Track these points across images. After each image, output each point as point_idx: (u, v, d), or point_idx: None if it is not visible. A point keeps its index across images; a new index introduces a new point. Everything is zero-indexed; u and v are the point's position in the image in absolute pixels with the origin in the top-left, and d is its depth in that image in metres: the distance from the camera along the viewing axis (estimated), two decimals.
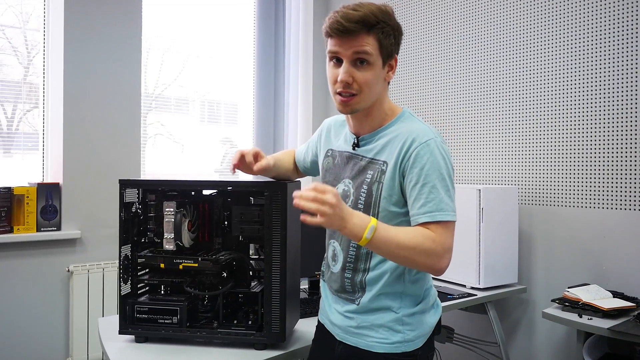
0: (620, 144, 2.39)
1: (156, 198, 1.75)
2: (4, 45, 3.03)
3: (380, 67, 1.34)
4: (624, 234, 2.37)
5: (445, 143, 1.36)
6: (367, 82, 1.32)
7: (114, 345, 1.62)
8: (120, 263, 1.67)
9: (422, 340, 1.40)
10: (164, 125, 3.60)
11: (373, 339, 1.38)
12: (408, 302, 1.39)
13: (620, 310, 2.08)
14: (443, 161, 1.31)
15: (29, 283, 2.80)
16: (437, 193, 1.28)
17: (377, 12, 1.30)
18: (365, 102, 1.35)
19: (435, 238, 1.25)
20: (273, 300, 1.58)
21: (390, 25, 1.33)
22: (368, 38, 1.30)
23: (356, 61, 1.32)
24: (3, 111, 3.05)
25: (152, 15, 3.39)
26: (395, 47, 1.37)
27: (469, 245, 2.47)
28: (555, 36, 2.62)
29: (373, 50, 1.30)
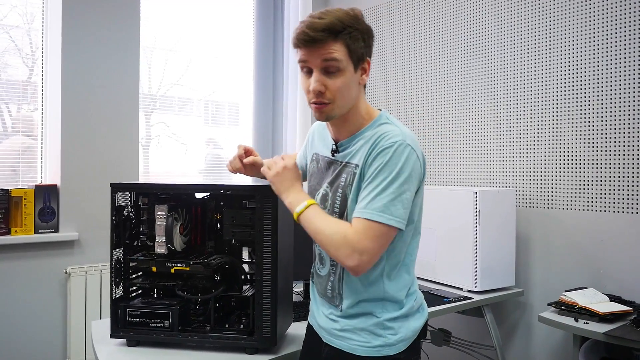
0: (618, 146, 2.37)
1: (148, 201, 1.75)
2: (9, 46, 3.04)
3: (352, 72, 1.32)
4: (622, 238, 2.35)
5: (417, 147, 1.30)
6: (339, 89, 1.30)
7: (105, 349, 1.62)
8: (111, 266, 1.66)
9: (405, 344, 1.39)
10: (169, 126, 3.61)
11: (355, 342, 1.38)
12: (390, 307, 1.39)
13: (617, 315, 2.07)
14: (402, 164, 1.25)
15: (27, 285, 2.81)
16: (377, 193, 1.25)
17: (343, 18, 1.28)
18: (340, 108, 1.34)
19: (349, 234, 1.25)
20: (264, 305, 1.57)
21: (358, 29, 1.30)
22: (335, 45, 1.28)
23: (326, 69, 1.30)
24: (8, 111, 3.06)
25: (154, 16, 3.40)
26: (366, 49, 1.34)
27: (466, 248, 2.46)
28: (552, 39, 2.60)
29: (342, 57, 1.28)
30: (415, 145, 1.30)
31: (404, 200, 1.26)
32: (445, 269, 2.57)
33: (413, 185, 1.28)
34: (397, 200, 1.24)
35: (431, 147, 3.17)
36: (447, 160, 3.08)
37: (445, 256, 2.57)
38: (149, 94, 3.53)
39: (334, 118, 1.36)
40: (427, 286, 2.57)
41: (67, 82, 2.92)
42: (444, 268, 2.58)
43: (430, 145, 3.18)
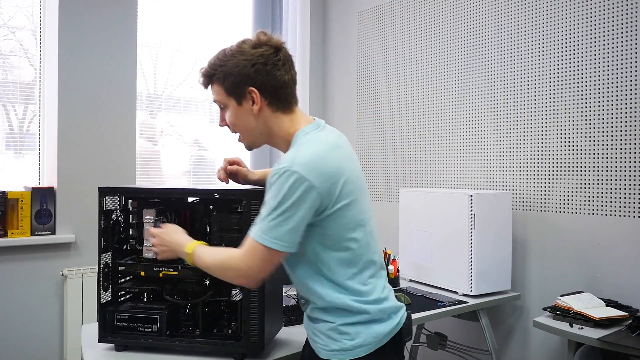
0: (615, 150, 2.35)
1: (138, 205, 1.74)
2: (15, 47, 3.05)
3: (236, 105, 1.43)
4: (619, 241, 2.33)
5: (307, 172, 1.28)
6: (232, 123, 1.46)
7: (92, 354, 1.61)
8: (99, 271, 1.66)
9: (364, 351, 1.38)
10: (174, 126, 3.61)
11: (318, 344, 1.44)
12: (342, 315, 1.39)
13: (612, 320, 2.04)
14: (285, 191, 1.27)
15: (23, 287, 2.81)
16: (264, 215, 1.31)
17: (214, 62, 1.44)
18: (247, 139, 1.49)
19: (236, 252, 1.36)
20: (251, 310, 1.57)
21: (228, 66, 1.41)
22: (214, 87, 1.46)
23: (220, 107, 1.48)
24: (14, 112, 3.08)
25: (154, 19, 3.41)
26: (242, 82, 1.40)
27: (461, 252, 2.44)
28: (547, 42, 2.58)
29: (220, 96, 1.44)
30: (306, 170, 1.28)
31: (289, 225, 1.29)
32: (441, 273, 2.56)
33: (301, 210, 1.28)
34: (281, 225, 1.28)
35: (428, 150, 3.16)
36: (444, 163, 3.06)
37: (441, 259, 2.55)
38: (154, 94, 3.53)
39: (255, 147, 1.51)
40: (423, 290, 2.56)
41: (63, 83, 2.92)
42: (440, 271, 2.56)
43: (428, 148, 3.16)
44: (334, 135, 1.46)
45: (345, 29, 3.74)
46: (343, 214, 1.35)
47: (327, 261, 1.38)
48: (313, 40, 3.87)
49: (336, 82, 3.80)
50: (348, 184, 1.36)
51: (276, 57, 1.41)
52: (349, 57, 3.70)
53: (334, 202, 1.33)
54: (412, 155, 3.26)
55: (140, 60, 3.43)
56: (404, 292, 2.47)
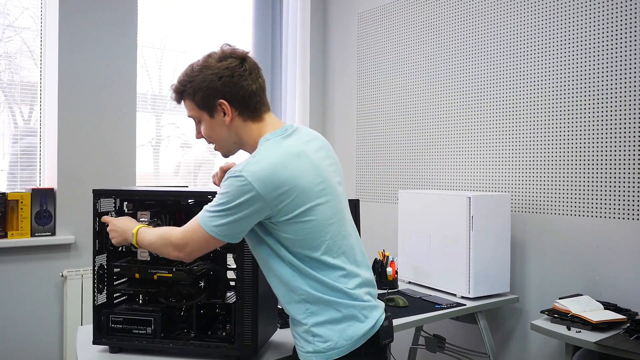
0: (614, 152, 2.34)
1: (133, 207, 1.75)
2: (22, 48, 3.06)
3: (209, 118, 1.47)
4: (618, 244, 2.31)
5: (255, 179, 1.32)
6: (207, 135, 1.50)
7: (86, 356, 1.62)
8: (94, 273, 1.66)
9: (337, 353, 1.38)
10: (179, 127, 3.62)
11: (298, 346, 1.47)
12: (314, 311, 1.40)
13: (610, 323, 2.03)
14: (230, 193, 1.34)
15: (23, 288, 2.82)
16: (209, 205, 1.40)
17: (183, 79, 1.47)
18: (223, 148, 1.52)
19: (173, 231, 1.45)
20: (245, 312, 1.57)
21: (195, 82, 1.44)
22: (186, 102, 1.49)
23: (195, 121, 1.52)
24: (20, 113, 3.09)
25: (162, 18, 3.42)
26: (212, 95, 1.43)
27: (459, 254, 2.43)
28: (548, 42, 2.57)
29: (193, 110, 1.48)
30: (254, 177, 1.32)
31: (229, 219, 1.35)
32: (440, 275, 2.55)
33: (243, 212, 1.34)
34: (222, 218, 1.36)
35: (428, 152, 3.15)
36: (444, 165, 3.05)
37: (440, 262, 2.54)
38: (159, 95, 3.54)
39: (229, 155, 1.55)
40: (421, 292, 2.55)
41: (63, 84, 2.93)
42: (438, 274, 2.55)
43: (427, 150, 3.15)
44: (301, 141, 1.45)
45: (345, 30, 3.74)
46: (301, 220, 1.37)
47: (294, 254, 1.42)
48: (313, 42, 3.87)
49: (336, 84, 3.79)
50: (305, 193, 1.36)
51: (242, 68, 1.44)
52: (349, 58, 3.70)
53: (285, 211, 1.36)
54: (411, 156, 3.25)
55: (145, 62, 3.45)
56: (401, 294, 2.46)
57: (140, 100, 3.42)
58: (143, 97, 3.45)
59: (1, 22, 3.00)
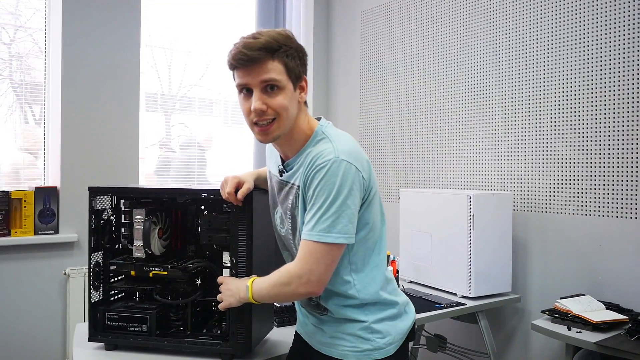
0: (617, 151, 2.31)
1: (130, 205, 1.75)
2: (33, 49, 3.08)
3: (292, 90, 1.33)
4: (621, 243, 2.29)
5: (353, 158, 1.29)
6: (282, 106, 1.31)
7: (82, 353, 1.62)
8: (90, 270, 1.67)
9: (394, 348, 1.40)
10: (188, 127, 3.64)
11: (345, 347, 1.40)
12: (373, 310, 1.40)
13: (612, 324, 2.01)
14: (339, 181, 1.26)
15: (27, 286, 2.84)
16: (321, 213, 1.26)
17: (277, 37, 1.30)
18: (283, 127, 1.34)
19: (292, 268, 1.30)
20: (239, 310, 1.56)
21: (293, 47, 1.33)
22: (273, 63, 1.29)
23: (266, 88, 1.30)
24: (31, 113, 3.11)
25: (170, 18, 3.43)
26: (302, 67, 1.36)
27: (460, 253, 2.41)
28: (551, 40, 2.54)
29: (280, 75, 1.30)
30: (351, 158, 1.29)
31: (350, 215, 1.27)
32: (441, 274, 2.53)
33: (356, 198, 1.29)
34: (341, 217, 1.26)
35: (431, 151, 3.13)
36: (446, 163, 3.03)
37: (441, 261, 2.53)
38: (169, 94, 3.56)
39: (278, 138, 1.36)
40: (422, 291, 2.53)
41: (66, 83, 2.95)
42: (440, 273, 2.54)
43: (430, 149, 3.13)
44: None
45: (348, 28, 3.73)
46: (375, 201, 1.39)
47: (377, 250, 1.41)
48: (316, 40, 3.87)
49: (339, 82, 3.78)
50: (373, 173, 1.39)
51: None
52: (352, 56, 3.69)
53: (369, 190, 1.35)
54: (413, 155, 3.23)
55: (155, 62, 3.46)
56: None
57: (150, 100, 3.44)
58: (153, 97, 3.47)
59: (13, 23, 3.03)
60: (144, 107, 3.33)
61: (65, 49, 2.94)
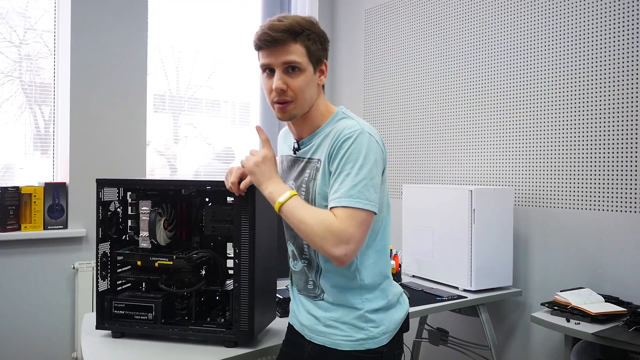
0: (618, 145, 2.33)
1: (136, 197, 1.79)
2: (42, 50, 3.14)
3: (312, 72, 1.39)
4: (621, 237, 2.31)
5: (376, 134, 1.37)
6: (301, 88, 1.37)
7: (89, 340, 1.67)
8: (97, 260, 1.72)
9: (388, 337, 1.42)
10: (196, 127, 3.69)
11: (338, 336, 1.41)
12: (369, 297, 1.42)
13: (610, 316, 2.03)
14: (365, 150, 1.31)
15: (36, 279, 2.90)
16: (351, 180, 1.29)
17: (301, 21, 1.37)
18: (301, 107, 1.40)
19: (334, 223, 1.26)
20: (242, 299, 1.60)
21: (315, 32, 1.39)
22: (295, 45, 1.35)
23: (287, 69, 1.36)
24: (41, 113, 3.18)
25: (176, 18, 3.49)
26: (323, 52, 1.42)
27: (461, 247, 2.44)
28: (552, 35, 2.57)
29: (302, 57, 1.36)
30: (374, 133, 1.37)
31: (375, 185, 1.31)
32: (442, 268, 2.56)
33: (379, 170, 1.35)
34: (369, 185, 1.29)
35: (433, 147, 3.16)
36: (448, 159, 3.06)
37: (442, 255, 2.56)
38: (177, 95, 3.61)
39: (296, 117, 1.42)
40: (423, 285, 2.57)
41: (75, 82, 3.00)
42: (441, 267, 2.57)
43: (433, 145, 3.16)
44: None
45: (352, 26, 3.76)
46: (384, 184, 1.43)
47: (381, 232, 1.45)
48: None
49: (343, 80, 3.82)
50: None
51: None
52: (356, 54, 3.72)
53: (384, 169, 1.40)
54: (416, 151, 3.26)
55: (163, 63, 3.51)
56: (404, 286, 2.48)
57: (159, 100, 3.49)
58: (161, 97, 3.52)
59: (22, 25, 3.09)
60: (151, 108, 3.39)
61: (74, 48, 2.99)
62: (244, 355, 1.60)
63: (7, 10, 3.03)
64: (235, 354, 1.58)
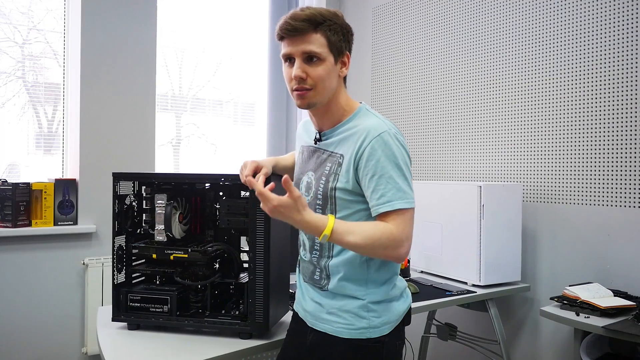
0: (625, 141, 2.34)
1: (151, 191, 1.82)
2: (45, 50, 3.17)
3: (332, 63, 1.41)
4: (629, 232, 2.32)
5: (400, 134, 1.41)
6: (320, 77, 1.38)
7: (106, 332, 1.69)
8: (114, 253, 1.74)
9: (389, 328, 1.44)
10: (199, 127, 3.70)
11: (340, 324, 1.44)
12: (373, 289, 1.44)
13: (620, 309, 2.04)
14: (397, 151, 1.36)
15: (46, 275, 2.92)
16: (394, 183, 1.33)
17: (323, 12, 1.39)
18: (320, 96, 1.41)
19: (393, 228, 1.32)
20: (257, 291, 1.62)
21: (338, 23, 1.41)
22: (316, 35, 1.37)
23: (307, 58, 1.38)
24: (44, 113, 3.20)
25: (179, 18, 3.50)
26: (345, 44, 1.43)
27: (470, 243, 2.46)
28: (558, 31, 2.58)
29: (322, 47, 1.38)
30: (399, 134, 1.41)
31: (410, 183, 1.38)
32: (451, 263, 2.58)
33: (410, 168, 1.39)
34: (408, 183, 1.36)
35: (440, 142, 3.17)
36: (456, 156, 3.08)
37: (451, 250, 2.58)
38: (179, 95, 3.63)
39: (315, 106, 1.43)
40: (432, 280, 2.58)
41: (85, 82, 3.02)
42: (450, 262, 2.58)
43: (439, 140, 3.18)
44: None
45: (360, 24, 3.77)
46: None
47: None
48: None
49: (350, 78, 3.81)
50: None
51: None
52: (364, 52, 3.74)
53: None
54: (424, 148, 3.28)
55: (166, 62, 3.54)
56: (413, 281, 2.50)
57: (161, 100, 3.51)
58: (164, 97, 3.54)
59: (25, 24, 3.11)
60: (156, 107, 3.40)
61: (84, 47, 3.01)
62: (259, 346, 1.62)
63: (10, 9, 3.05)
64: (250, 345, 1.60)
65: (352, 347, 1.42)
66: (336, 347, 1.43)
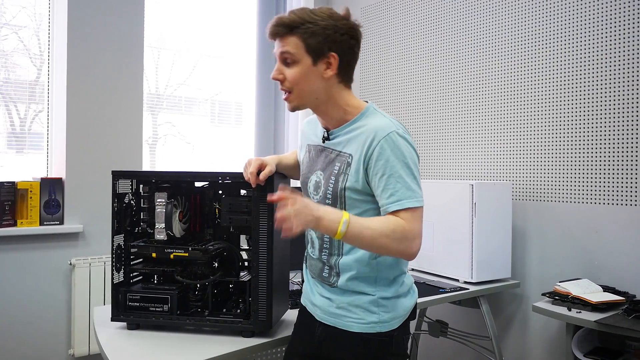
0: (613, 140, 2.40)
1: (149, 190, 1.80)
2: (18, 47, 3.10)
3: (309, 64, 1.40)
4: (616, 229, 2.38)
5: (408, 133, 1.43)
6: (295, 79, 1.41)
7: (105, 332, 1.67)
8: (112, 252, 1.71)
9: (398, 322, 1.46)
10: (175, 126, 3.66)
11: (350, 319, 1.46)
12: (382, 286, 1.46)
13: (610, 304, 2.10)
14: (406, 151, 1.38)
15: (32, 276, 2.86)
16: (404, 182, 1.35)
17: (300, 14, 1.39)
18: (299, 98, 1.44)
19: (405, 225, 1.33)
20: (260, 289, 1.62)
21: (320, 25, 1.38)
22: (290, 38, 1.39)
23: (284, 60, 1.42)
24: (16, 111, 3.13)
25: (159, 16, 3.46)
26: (328, 44, 1.39)
27: (462, 240, 2.49)
28: (548, 32, 2.63)
29: (296, 50, 1.39)
30: (407, 133, 1.43)
31: (419, 181, 1.39)
32: (443, 261, 2.61)
33: (418, 167, 1.41)
34: (417, 182, 1.38)
35: (430, 142, 3.21)
36: (445, 154, 3.12)
37: (443, 248, 2.61)
38: (155, 93, 3.59)
39: (300, 108, 1.47)
40: (425, 277, 2.61)
41: (72, 80, 2.97)
42: (442, 260, 2.62)
43: (429, 140, 3.21)
44: None
45: None
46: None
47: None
48: None
49: None
50: None
51: (358, 35, 1.46)
52: None
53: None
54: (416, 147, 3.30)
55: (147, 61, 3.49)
56: None
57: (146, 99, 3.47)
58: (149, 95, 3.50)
59: None
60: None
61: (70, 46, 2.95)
62: (263, 344, 1.62)
63: None
64: (254, 344, 1.60)
65: (363, 340, 1.44)
66: (346, 341, 1.45)
